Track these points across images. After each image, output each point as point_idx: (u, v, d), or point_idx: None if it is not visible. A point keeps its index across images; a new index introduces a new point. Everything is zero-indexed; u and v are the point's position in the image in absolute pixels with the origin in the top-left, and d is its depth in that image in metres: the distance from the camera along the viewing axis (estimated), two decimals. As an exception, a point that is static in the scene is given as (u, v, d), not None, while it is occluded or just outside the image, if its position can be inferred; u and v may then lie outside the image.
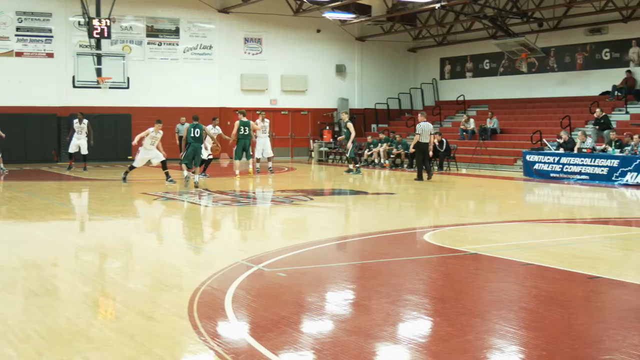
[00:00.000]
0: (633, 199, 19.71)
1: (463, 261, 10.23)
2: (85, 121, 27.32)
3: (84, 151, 27.20)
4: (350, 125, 26.07)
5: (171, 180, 21.23)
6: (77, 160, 27.68)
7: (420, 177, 23.11)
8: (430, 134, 23.23)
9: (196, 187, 20.26)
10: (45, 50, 32.65)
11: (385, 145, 31.74)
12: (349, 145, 26.06)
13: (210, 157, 23.94)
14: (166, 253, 11.24)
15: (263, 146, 26.74)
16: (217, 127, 24.93)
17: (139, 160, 22.09)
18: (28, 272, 9.49)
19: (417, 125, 23.24)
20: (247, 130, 24.21)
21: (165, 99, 34.43)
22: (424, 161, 23.27)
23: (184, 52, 35.41)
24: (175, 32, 35.25)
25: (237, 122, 24.40)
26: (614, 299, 8.33)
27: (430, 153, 23.71)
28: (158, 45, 34.95)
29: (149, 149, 21.83)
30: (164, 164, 21.82)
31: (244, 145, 24.32)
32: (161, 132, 22.02)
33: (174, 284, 8.85)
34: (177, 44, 35.29)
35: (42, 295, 8.24)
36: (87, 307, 7.84)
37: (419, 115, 23.67)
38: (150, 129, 21.86)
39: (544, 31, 33.73)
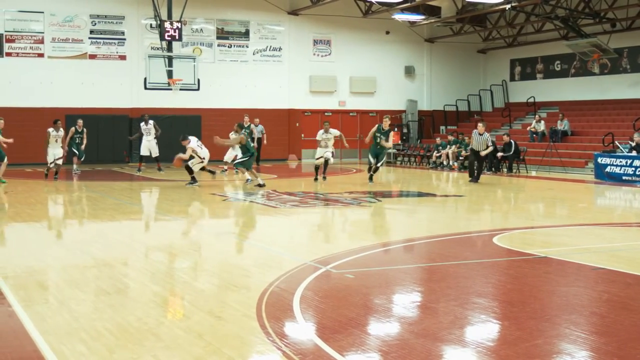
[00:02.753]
0: None
1: (532, 264, 10.12)
2: (152, 122, 27.70)
3: (155, 153, 27.55)
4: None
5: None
6: (149, 161, 28.05)
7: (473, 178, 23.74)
8: (487, 145, 23.70)
9: (262, 186, 20.49)
10: (117, 52, 33.21)
11: (454, 147, 31.52)
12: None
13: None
14: (234, 254, 11.34)
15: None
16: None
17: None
18: (100, 271, 9.66)
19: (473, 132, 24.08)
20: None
21: (235, 100, 34.73)
22: (475, 163, 23.91)
23: (254, 53, 35.66)
24: (245, 34, 35.53)
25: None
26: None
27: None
28: (228, 47, 35.26)
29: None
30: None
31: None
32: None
33: (242, 284, 8.92)
34: (247, 46, 35.56)
35: (113, 293, 8.39)
36: (157, 306, 7.96)
37: (479, 124, 24.05)
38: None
39: (616, 32, 33.15)
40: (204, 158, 21.92)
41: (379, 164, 22.84)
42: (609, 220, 15.36)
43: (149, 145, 27.56)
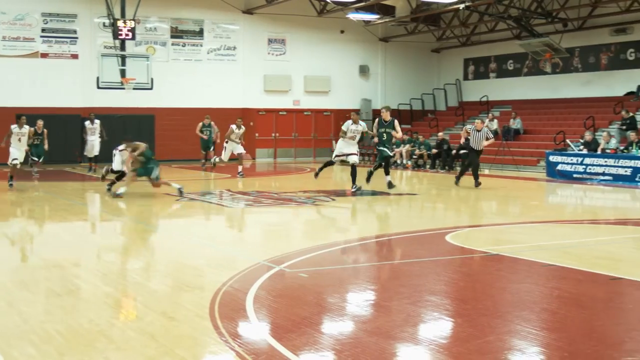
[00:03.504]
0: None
1: (485, 262, 10.21)
2: (97, 122, 27.48)
3: (96, 152, 27.35)
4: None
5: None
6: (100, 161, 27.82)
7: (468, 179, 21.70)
8: (488, 137, 21.67)
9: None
10: (70, 51, 32.87)
11: (407, 146, 31.71)
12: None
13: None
14: (188, 254, 11.26)
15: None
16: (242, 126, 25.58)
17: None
18: (50, 272, 9.55)
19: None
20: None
21: (189, 99, 34.57)
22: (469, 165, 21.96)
23: (208, 53, 35.52)
24: (199, 33, 35.37)
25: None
26: (637, 300, 8.29)
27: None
28: (182, 46, 35.09)
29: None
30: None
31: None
32: (243, 127, 25.11)
33: (196, 284, 8.87)
34: (201, 45, 35.41)
35: (64, 295, 8.30)
36: (109, 307, 7.89)
37: (475, 122, 22.24)
38: (233, 126, 24.62)
39: (568, 31, 33.54)
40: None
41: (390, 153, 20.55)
42: (560, 218, 15.53)
43: (92, 144, 27.34)
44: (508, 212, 16.29)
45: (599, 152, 24.70)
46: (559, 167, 25.03)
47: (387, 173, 20.11)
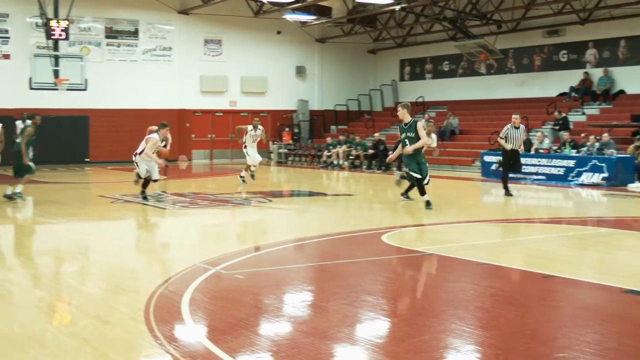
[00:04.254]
0: (588, 199, 19.94)
1: (420, 262, 10.28)
2: (29, 121, 26.99)
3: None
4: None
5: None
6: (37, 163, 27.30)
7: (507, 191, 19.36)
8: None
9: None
10: (1, 51, 32.28)
11: (344, 146, 31.83)
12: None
13: None
14: (123, 256, 11.13)
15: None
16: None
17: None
18: (-18, 276, 9.36)
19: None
20: None
21: (124, 100, 34.20)
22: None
23: (143, 53, 35.18)
24: (135, 34, 35.01)
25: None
26: (568, 297, 8.41)
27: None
28: (117, 46, 34.70)
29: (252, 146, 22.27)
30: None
31: None
32: (261, 128, 22.57)
33: (131, 287, 8.78)
34: (136, 46, 35.06)
35: (-4, 299, 8.15)
36: (42, 312, 7.75)
37: (513, 117, 19.48)
38: (249, 127, 22.44)
39: (502, 33, 33.99)
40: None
41: (425, 181, 16.34)
42: (495, 217, 15.71)
43: None
44: (444, 212, 16.41)
45: (532, 152, 25.06)
46: (494, 166, 25.32)
47: (421, 194, 16.32)
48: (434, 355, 6.22)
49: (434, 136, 20.57)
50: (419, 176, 16.16)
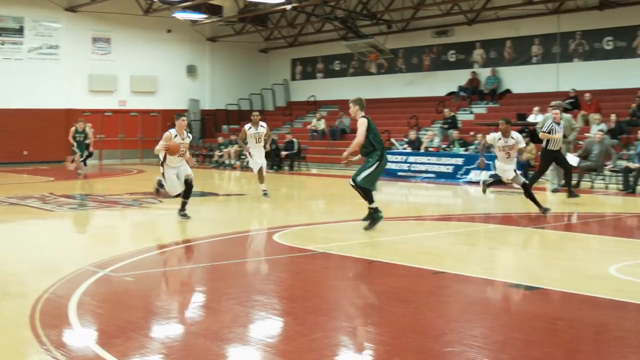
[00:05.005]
0: (477, 196, 20.35)
1: (312, 260, 10.29)
2: None
3: None
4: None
5: None
6: None
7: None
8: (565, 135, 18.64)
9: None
10: None
11: (236, 146, 31.69)
12: None
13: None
14: (8, 260, 10.80)
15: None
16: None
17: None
18: None
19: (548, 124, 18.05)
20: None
21: (9, 100, 33.23)
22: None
23: (29, 51, 34.27)
24: (19, 31, 34.07)
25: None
26: (457, 293, 8.56)
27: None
28: (1, 44, 33.70)
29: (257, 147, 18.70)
30: None
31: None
32: (263, 125, 18.81)
33: (17, 292, 8.52)
34: (22, 44, 34.12)
35: None
36: None
37: (554, 112, 18.14)
38: (246, 126, 18.81)
39: (392, 33, 34.45)
40: None
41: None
42: (386, 215, 15.86)
43: None
44: (336, 211, 16.53)
45: (422, 150, 25.46)
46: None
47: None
48: (325, 353, 6.23)
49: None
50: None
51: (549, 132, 17.74)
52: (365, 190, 12.80)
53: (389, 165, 25.25)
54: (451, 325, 7.06)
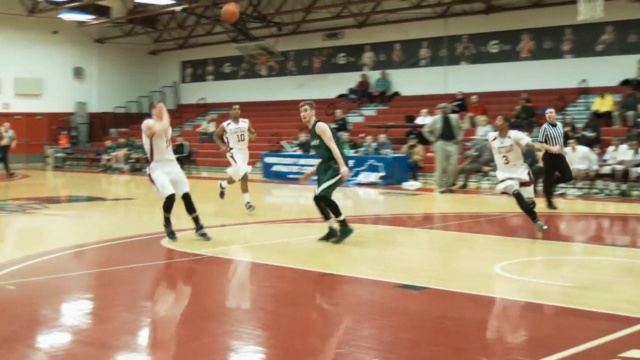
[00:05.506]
0: (366, 197, 20.58)
1: (202, 264, 10.20)
2: None
3: None
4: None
5: None
6: None
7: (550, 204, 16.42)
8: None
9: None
10: None
11: (124, 149, 31.24)
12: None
13: None
14: None
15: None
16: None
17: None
18: None
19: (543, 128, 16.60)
20: None
21: None
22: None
23: None
24: None
25: None
26: (347, 294, 8.62)
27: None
28: None
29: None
30: None
31: None
32: (245, 121, 16.63)
33: None
34: None
35: None
36: None
37: (547, 112, 16.82)
38: (225, 123, 16.41)
39: (283, 35, 34.51)
40: None
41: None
42: (277, 218, 15.88)
43: None
44: (226, 214, 16.42)
45: (312, 153, 25.55)
46: (275, 168, 25.65)
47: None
48: (214, 357, 6.19)
49: None
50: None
51: (545, 141, 15.92)
52: (330, 203, 11.93)
53: (279, 168, 25.40)
54: (340, 326, 7.11)
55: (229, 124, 16.19)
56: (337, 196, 12.44)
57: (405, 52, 31.75)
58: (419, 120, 26.50)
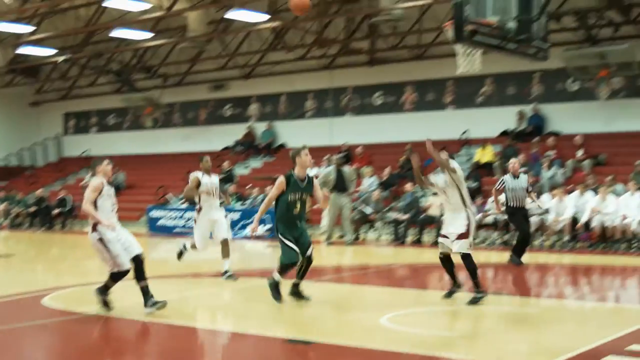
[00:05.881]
0: (253, 251, 20.43)
1: (84, 323, 9.84)
2: None
3: None
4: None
5: None
6: None
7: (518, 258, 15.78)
8: (527, 190, 15.83)
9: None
10: None
11: (4, 204, 30.27)
12: None
13: None
14: None
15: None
16: None
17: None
18: None
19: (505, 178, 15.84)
20: None
21: None
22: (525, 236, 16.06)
23: None
24: None
25: None
26: (233, 351, 8.44)
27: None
28: None
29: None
30: None
31: None
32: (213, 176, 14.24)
33: None
34: None
35: None
36: None
37: (511, 163, 15.98)
38: (198, 173, 13.88)
39: (168, 87, 34.34)
40: None
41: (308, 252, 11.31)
42: (163, 273, 15.56)
43: None
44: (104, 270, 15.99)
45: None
46: (160, 221, 25.26)
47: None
48: None
49: None
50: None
51: (500, 190, 15.65)
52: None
53: (165, 222, 25.02)
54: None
55: (202, 175, 13.89)
56: (220, 250, 12.41)
57: (291, 104, 31.96)
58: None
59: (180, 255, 14.80)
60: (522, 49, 9.62)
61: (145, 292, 10.14)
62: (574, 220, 19.04)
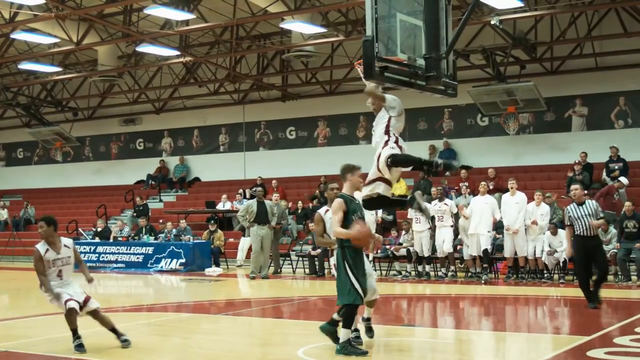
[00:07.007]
0: (168, 285, 20.29)
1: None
2: None
3: None
4: None
5: None
6: None
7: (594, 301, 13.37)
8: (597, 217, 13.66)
9: None
10: None
11: None
12: None
13: None
14: None
15: None
16: None
17: None
18: None
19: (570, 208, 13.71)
20: None
21: None
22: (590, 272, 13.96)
23: None
24: None
25: None
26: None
27: None
28: None
29: None
30: None
31: None
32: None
33: None
34: None
35: None
36: None
37: (572, 189, 14.00)
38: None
39: (79, 120, 33.99)
40: None
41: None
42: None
43: None
44: (20, 306, 15.71)
45: (111, 240, 25.02)
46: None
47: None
48: None
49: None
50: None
51: (571, 225, 13.62)
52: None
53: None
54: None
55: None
56: (133, 284, 12.23)
57: (205, 138, 31.93)
58: (219, 206, 26.57)
59: None
60: (432, 85, 9.82)
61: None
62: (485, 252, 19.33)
